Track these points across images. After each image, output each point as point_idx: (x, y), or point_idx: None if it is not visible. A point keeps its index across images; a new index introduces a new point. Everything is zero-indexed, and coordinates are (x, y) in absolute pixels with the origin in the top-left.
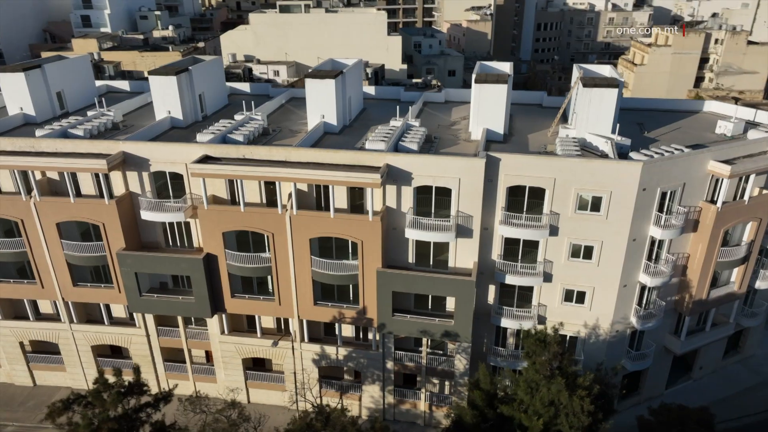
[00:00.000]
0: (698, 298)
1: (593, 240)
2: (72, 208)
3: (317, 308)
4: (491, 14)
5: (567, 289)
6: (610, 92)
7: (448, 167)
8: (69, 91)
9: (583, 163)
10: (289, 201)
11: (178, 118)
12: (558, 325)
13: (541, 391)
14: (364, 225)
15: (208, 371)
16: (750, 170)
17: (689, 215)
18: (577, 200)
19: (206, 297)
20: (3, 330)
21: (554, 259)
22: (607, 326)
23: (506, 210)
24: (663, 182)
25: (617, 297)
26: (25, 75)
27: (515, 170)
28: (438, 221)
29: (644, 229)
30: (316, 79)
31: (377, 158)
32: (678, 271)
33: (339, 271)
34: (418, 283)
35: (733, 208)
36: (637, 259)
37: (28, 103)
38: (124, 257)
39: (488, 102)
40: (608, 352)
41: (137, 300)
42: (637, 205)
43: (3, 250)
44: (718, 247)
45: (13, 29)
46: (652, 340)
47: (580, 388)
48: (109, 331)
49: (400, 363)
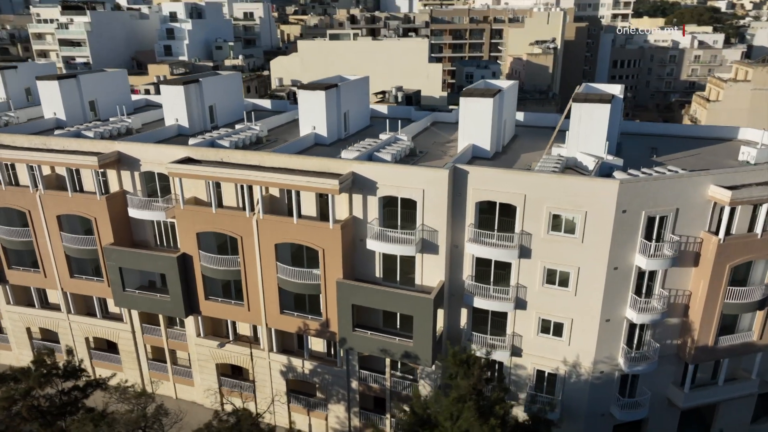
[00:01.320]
0: (702, 344)
1: (569, 265)
2: (70, 201)
3: (283, 317)
4: (553, 48)
5: (543, 319)
6: (602, 108)
7: (412, 178)
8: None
9: (555, 179)
10: (258, 205)
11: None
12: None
13: (459, 418)
14: (325, 233)
15: (188, 374)
16: (756, 198)
17: (686, 246)
18: (550, 220)
19: (180, 296)
20: (12, 315)
21: (528, 285)
22: (589, 365)
23: (476, 227)
24: (649, 205)
25: (599, 332)
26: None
27: (484, 185)
28: (399, 234)
29: (628, 257)
30: (308, 91)
31: (343, 166)
32: (678, 311)
33: (302, 279)
34: (376, 297)
35: (742, 241)
36: (622, 291)
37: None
38: (110, 252)
39: (474, 117)
40: (592, 395)
41: (121, 294)
42: (616, 228)
43: (14, 238)
44: (725, 285)
45: (109, 57)
46: (648, 387)
47: (493, 416)
48: (100, 324)
49: (365, 384)
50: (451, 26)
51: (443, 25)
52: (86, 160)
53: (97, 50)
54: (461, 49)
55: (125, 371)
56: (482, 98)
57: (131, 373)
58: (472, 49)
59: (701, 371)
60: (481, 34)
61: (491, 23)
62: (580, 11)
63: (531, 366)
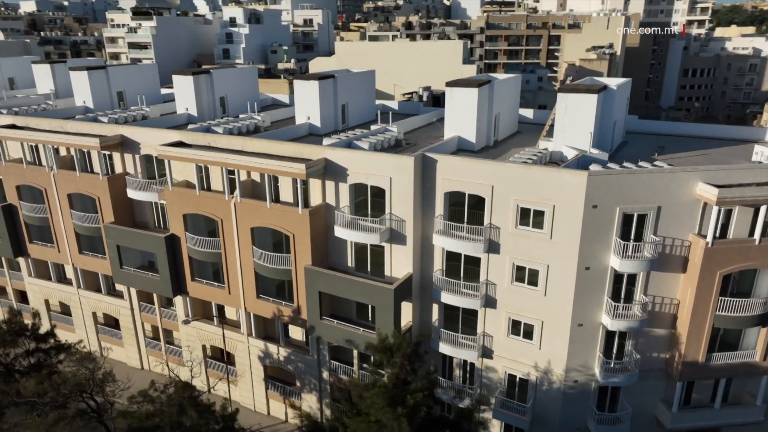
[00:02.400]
0: (690, 359)
1: (538, 263)
2: (78, 181)
3: (260, 302)
4: (610, 54)
5: (513, 320)
6: (588, 99)
7: (379, 165)
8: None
9: (521, 169)
10: (236, 188)
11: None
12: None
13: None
14: (295, 218)
15: (179, 353)
16: (749, 199)
17: (672, 249)
18: (518, 213)
19: (168, 276)
20: (33, 286)
21: (498, 282)
22: (561, 372)
23: (446, 219)
24: (624, 202)
25: (570, 337)
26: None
27: (453, 174)
28: (366, 222)
29: (602, 257)
30: (303, 81)
31: (316, 152)
32: (665, 321)
33: (275, 264)
34: (341, 285)
35: (735, 247)
36: (596, 294)
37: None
38: (109, 230)
39: (459, 108)
40: (565, 405)
41: (119, 271)
42: (586, 224)
43: (34, 214)
44: (715, 295)
45: (172, 59)
46: (631, 403)
47: (401, 405)
48: (105, 300)
49: (335, 375)
50: (507, 32)
51: (499, 31)
52: (89, 141)
53: (161, 52)
54: (517, 56)
55: (125, 347)
56: (467, 88)
57: (131, 349)
58: (528, 56)
59: (697, 391)
60: (538, 40)
61: (549, 29)
62: (651, 17)
63: (502, 369)
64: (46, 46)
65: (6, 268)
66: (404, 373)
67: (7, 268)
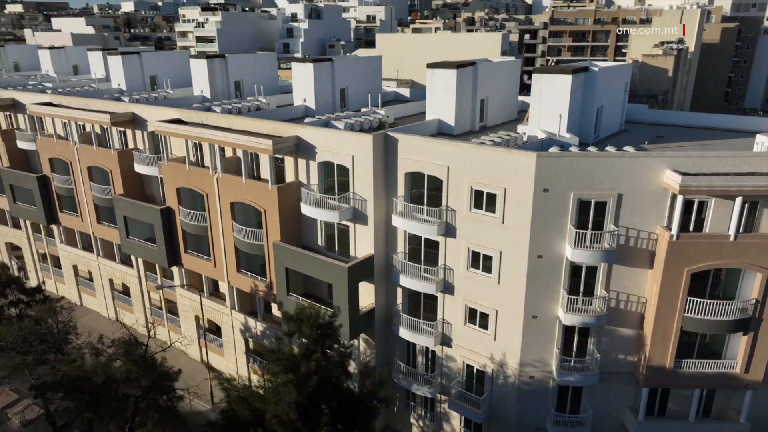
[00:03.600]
0: (656, 364)
1: (491, 249)
2: (94, 154)
3: (240, 276)
4: (678, 49)
5: (470, 308)
6: (563, 80)
7: (342, 143)
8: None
9: (473, 150)
10: (218, 164)
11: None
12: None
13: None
14: (266, 194)
15: (177, 322)
16: (718, 188)
17: (636, 241)
18: (472, 196)
19: (164, 246)
20: (63, 252)
21: (455, 267)
22: (515, 366)
23: (407, 200)
24: (579, 187)
25: (524, 329)
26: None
27: (412, 154)
28: (328, 200)
29: (556, 245)
30: (299, 63)
31: (289, 129)
32: (631, 321)
33: (250, 239)
34: (303, 262)
35: (706, 242)
36: (550, 286)
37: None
38: (117, 201)
39: (439, 90)
40: (521, 402)
41: (125, 240)
42: (537, 209)
43: (63, 185)
44: (683, 295)
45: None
46: (596, 406)
47: (292, 372)
48: (117, 267)
49: None
50: (572, 27)
51: (564, 26)
52: (101, 117)
53: (225, 46)
54: (582, 52)
55: (135, 313)
56: (447, 69)
57: (140, 316)
58: (594, 52)
59: (674, 401)
60: (606, 36)
61: (619, 24)
62: (742, 11)
63: (460, 359)
64: (134, 42)
65: (44, 234)
66: (313, 344)
67: (45, 234)
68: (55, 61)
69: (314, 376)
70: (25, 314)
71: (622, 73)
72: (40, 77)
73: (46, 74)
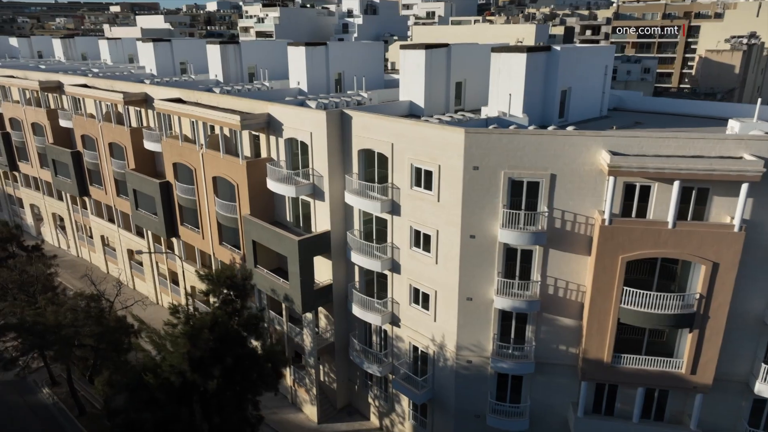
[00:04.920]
0: (594, 358)
1: (430, 227)
2: (113, 131)
3: (221, 248)
4: (749, 44)
5: (414, 287)
6: (517, 59)
7: (301, 120)
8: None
9: (412, 126)
10: (203, 140)
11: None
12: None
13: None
14: (237, 168)
15: (177, 292)
16: (651, 170)
17: (573, 226)
18: (413, 173)
19: (163, 218)
20: (93, 223)
21: (401, 246)
22: (453, 349)
23: (361, 178)
24: (510, 165)
25: (459, 312)
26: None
27: (363, 132)
28: (288, 173)
29: (489, 226)
30: (293, 47)
31: (261, 107)
32: (571, 310)
33: (226, 212)
34: (264, 234)
35: (641, 228)
36: (484, 267)
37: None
38: (128, 174)
39: (409, 71)
40: (460, 387)
41: (135, 212)
42: (468, 187)
43: (91, 161)
44: (618, 284)
45: None
46: (539, 399)
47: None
48: (132, 238)
49: (272, 325)
50: (637, 23)
51: (630, 21)
52: (115, 96)
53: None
54: (648, 49)
55: (146, 282)
56: (416, 50)
57: (150, 285)
58: (662, 49)
59: (622, 400)
60: (676, 32)
61: (691, 18)
62: None
63: (407, 339)
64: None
65: (80, 206)
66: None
67: (80, 206)
68: (112, 51)
69: (207, 330)
70: (11, 266)
71: (599, 56)
72: (91, 65)
73: (104, 63)
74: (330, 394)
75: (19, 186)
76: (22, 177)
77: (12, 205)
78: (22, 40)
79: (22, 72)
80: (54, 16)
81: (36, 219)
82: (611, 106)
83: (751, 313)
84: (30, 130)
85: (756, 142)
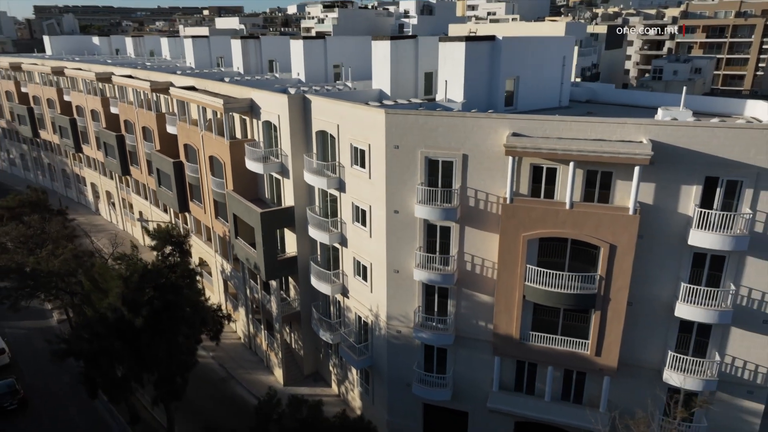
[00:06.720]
0: (503, 333)
1: (365, 203)
2: (145, 116)
3: (217, 222)
4: None
5: (356, 260)
6: (458, 47)
7: (271, 104)
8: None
9: (350, 109)
10: (202, 122)
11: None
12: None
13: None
14: (223, 147)
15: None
16: (544, 150)
17: (485, 204)
18: (352, 152)
19: (175, 194)
20: (134, 201)
21: (347, 221)
22: (384, 319)
23: (319, 158)
24: (426, 145)
25: (387, 283)
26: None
27: (320, 114)
28: (263, 153)
29: (410, 203)
30: (293, 40)
31: (246, 92)
32: (486, 286)
33: (218, 188)
34: (239, 207)
35: (540, 208)
36: (408, 242)
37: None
38: (153, 155)
39: (378, 60)
40: (391, 356)
41: (158, 189)
42: (390, 165)
43: (131, 143)
44: (521, 261)
45: None
46: (464, 373)
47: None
48: (161, 214)
49: (252, 294)
50: (706, 22)
51: (699, 20)
52: (142, 84)
53: None
54: (718, 49)
55: None
56: (383, 41)
57: None
58: (733, 50)
59: (542, 380)
60: (750, 31)
61: None
62: None
63: (354, 309)
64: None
65: (124, 184)
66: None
67: (125, 184)
68: (171, 47)
69: (137, 275)
70: (29, 222)
71: (554, 47)
72: (147, 59)
73: (164, 58)
74: (299, 360)
75: (83, 167)
76: (85, 158)
77: (78, 183)
78: (102, 39)
79: (86, 65)
80: (155, 20)
81: (95, 196)
82: (585, 98)
83: (658, 300)
84: (90, 116)
85: (654, 127)
